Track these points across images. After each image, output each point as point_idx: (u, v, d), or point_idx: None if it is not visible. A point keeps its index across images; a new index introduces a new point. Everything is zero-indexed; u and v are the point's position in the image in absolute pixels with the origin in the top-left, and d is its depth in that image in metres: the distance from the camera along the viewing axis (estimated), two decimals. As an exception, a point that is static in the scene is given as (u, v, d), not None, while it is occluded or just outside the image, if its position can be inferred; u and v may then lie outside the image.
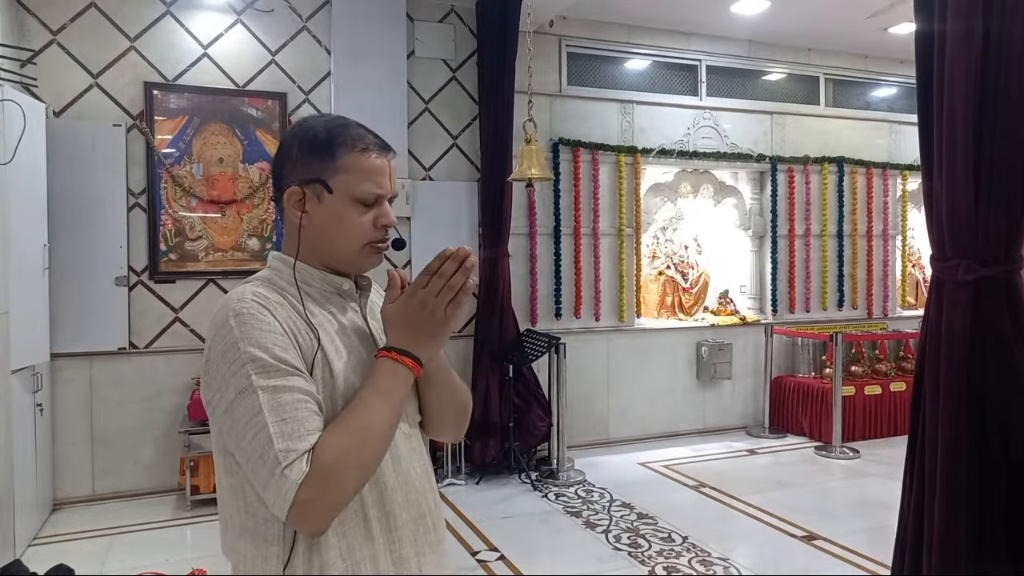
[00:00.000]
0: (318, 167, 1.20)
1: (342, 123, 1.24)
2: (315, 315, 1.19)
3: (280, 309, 1.15)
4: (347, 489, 1.08)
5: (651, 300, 6.68)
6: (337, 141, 1.21)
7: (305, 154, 1.21)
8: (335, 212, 1.20)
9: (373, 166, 1.22)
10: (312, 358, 1.14)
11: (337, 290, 1.26)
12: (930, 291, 2.24)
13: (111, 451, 4.76)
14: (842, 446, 5.79)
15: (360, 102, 5.22)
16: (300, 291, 1.20)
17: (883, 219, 7.19)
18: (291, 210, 1.22)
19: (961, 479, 2.07)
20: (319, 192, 1.20)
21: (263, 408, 1.06)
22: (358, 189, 1.20)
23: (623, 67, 6.25)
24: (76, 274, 4.61)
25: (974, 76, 2.00)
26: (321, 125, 1.23)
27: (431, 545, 1.24)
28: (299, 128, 1.25)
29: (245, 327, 1.10)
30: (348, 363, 1.19)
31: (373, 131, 1.27)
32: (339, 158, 1.20)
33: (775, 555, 3.93)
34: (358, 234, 1.22)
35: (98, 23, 4.72)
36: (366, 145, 1.22)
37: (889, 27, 6.16)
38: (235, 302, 1.13)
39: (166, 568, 3.66)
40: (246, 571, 1.16)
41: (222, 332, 1.12)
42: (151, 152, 4.82)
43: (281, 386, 1.08)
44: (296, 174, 1.21)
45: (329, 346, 1.18)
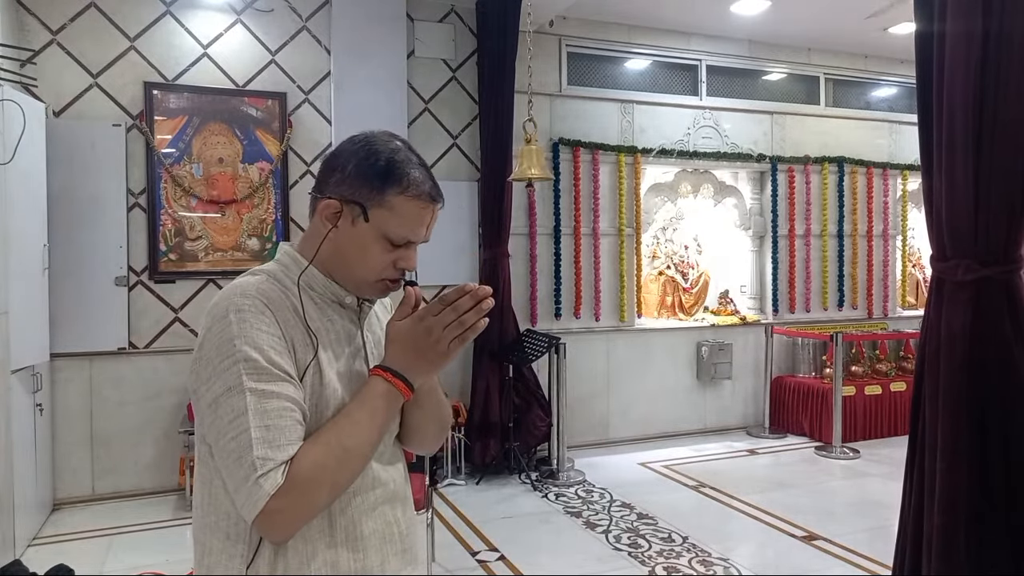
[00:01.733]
0: (365, 193, 1.17)
1: (405, 158, 1.20)
2: (313, 320, 1.19)
3: (281, 310, 1.15)
4: (318, 505, 1.09)
5: (651, 300, 6.68)
6: (393, 177, 1.17)
7: (358, 174, 1.18)
8: (362, 241, 1.19)
9: (416, 214, 1.19)
10: (306, 364, 1.14)
11: (339, 300, 1.25)
12: (930, 291, 2.24)
13: (111, 451, 4.76)
14: (842, 446, 5.79)
15: (360, 102, 5.23)
16: (302, 295, 1.19)
17: (883, 219, 7.19)
18: (322, 219, 1.20)
19: (961, 479, 2.06)
20: (356, 215, 1.18)
21: (248, 410, 1.06)
22: (394, 231, 1.18)
23: (623, 67, 6.25)
24: (76, 274, 4.61)
25: (974, 76, 2.00)
26: (385, 152, 1.19)
27: (397, 555, 1.24)
28: (363, 145, 1.21)
29: (244, 324, 1.10)
30: (339, 372, 1.20)
31: (431, 174, 1.23)
32: (388, 194, 1.17)
33: (775, 555, 3.93)
34: (375, 269, 1.20)
35: (98, 23, 4.72)
36: (418, 192, 1.19)
37: (889, 27, 6.16)
38: (238, 296, 1.12)
39: (166, 568, 3.65)
40: (209, 564, 1.16)
41: (220, 324, 1.11)
42: (151, 152, 4.82)
43: (270, 391, 1.08)
44: (341, 188, 1.19)
45: (323, 353, 1.18)
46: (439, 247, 5.56)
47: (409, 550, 1.27)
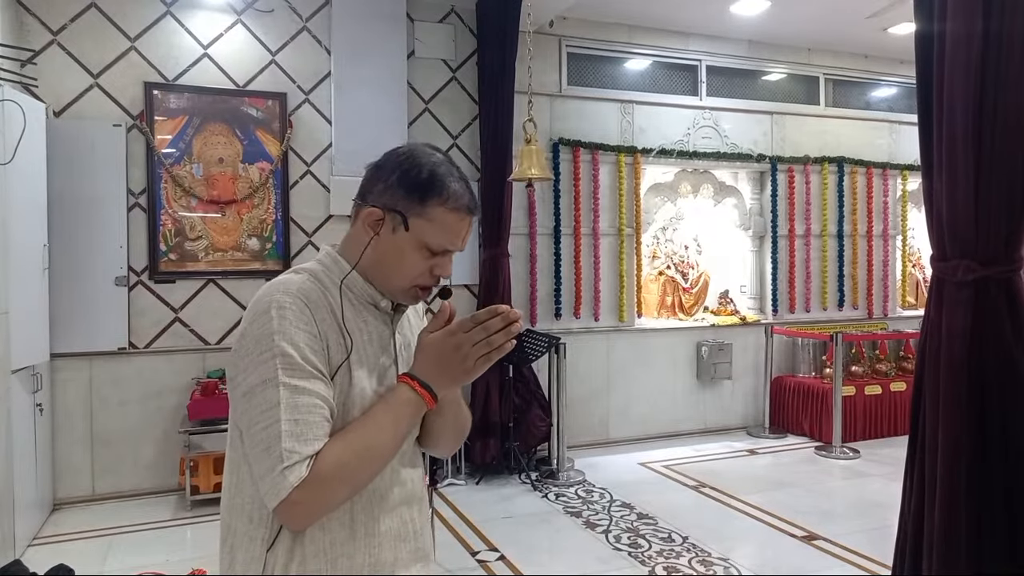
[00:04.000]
0: (406, 203, 1.23)
1: (446, 172, 1.26)
2: (349, 321, 1.24)
3: (319, 310, 1.20)
4: (336, 500, 1.15)
5: (651, 300, 6.68)
6: (435, 190, 1.23)
7: (400, 185, 1.23)
8: (401, 248, 1.24)
9: (455, 225, 1.25)
10: (339, 364, 1.19)
11: (375, 303, 1.30)
12: (930, 291, 2.24)
13: (111, 451, 4.76)
14: (842, 446, 5.79)
15: (360, 102, 5.23)
16: (343, 297, 1.24)
17: (883, 219, 7.19)
18: (365, 226, 1.25)
19: (962, 479, 2.06)
20: (396, 223, 1.23)
21: (280, 403, 1.11)
22: (433, 240, 1.24)
23: (623, 67, 6.25)
24: (76, 274, 4.61)
25: (974, 76, 2.00)
26: (428, 164, 1.25)
27: (410, 553, 1.29)
28: (407, 156, 1.27)
29: (284, 321, 1.15)
30: (368, 373, 1.24)
31: (470, 187, 1.29)
32: (428, 205, 1.23)
33: (775, 555, 3.93)
34: (411, 275, 1.26)
35: (98, 23, 4.72)
36: (457, 205, 1.25)
37: (889, 27, 6.16)
38: (280, 294, 1.18)
39: (166, 568, 3.66)
40: (232, 545, 1.23)
41: (262, 319, 1.16)
42: (151, 152, 4.82)
43: (302, 387, 1.13)
44: (384, 197, 1.24)
45: (353, 356, 1.22)
46: (439, 247, 5.56)
47: (421, 549, 1.32)
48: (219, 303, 5.01)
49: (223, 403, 4.60)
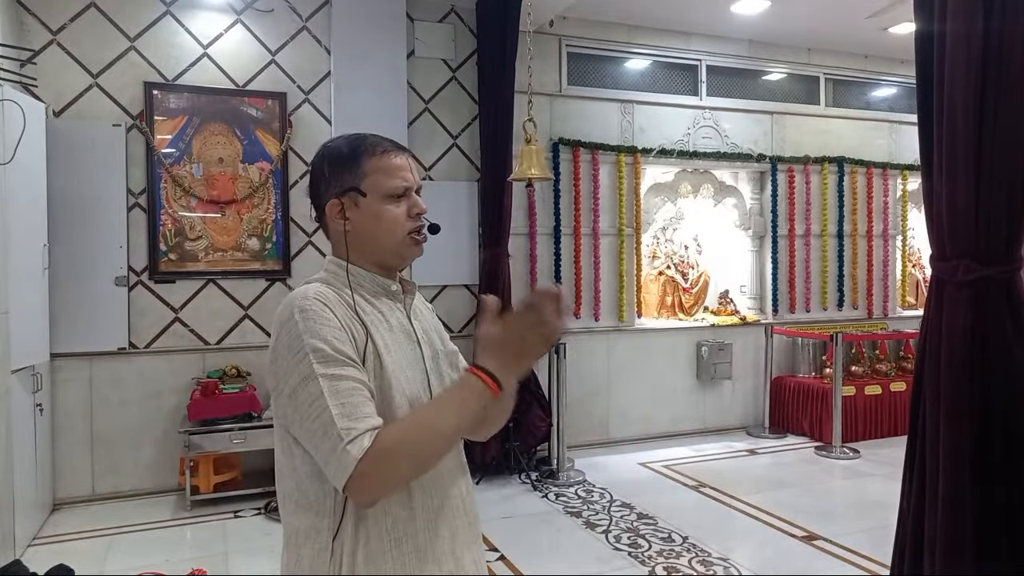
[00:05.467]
0: (349, 178, 1.35)
1: (359, 135, 1.40)
2: (367, 313, 1.33)
3: (339, 307, 1.29)
4: (401, 474, 1.22)
5: (651, 300, 6.68)
6: (359, 151, 1.36)
7: (334, 169, 1.36)
8: (373, 212, 1.35)
9: (394, 164, 1.37)
10: (363, 351, 1.27)
11: (386, 291, 1.39)
12: (930, 291, 2.24)
13: (111, 451, 4.76)
14: (842, 446, 5.79)
15: (360, 102, 5.23)
16: (352, 291, 1.34)
17: (883, 219, 7.19)
18: (335, 220, 1.36)
19: (963, 480, 2.06)
20: (355, 199, 1.35)
21: (324, 392, 1.19)
22: (387, 186, 1.35)
23: (623, 67, 6.25)
24: (76, 274, 4.61)
25: (974, 76, 2.00)
26: (341, 142, 1.39)
27: (464, 527, 1.38)
28: (323, 151, 1.41)
29: (308, 321, 1.24)
30: (395, 359, 1.33)
31: (386, 137, 1.42)
32: (363, 164, 1.35)
33: (775, 555, 3.93)
34: (397, 225, 1.36)
35: (98, 23, 4.72)
36: (384, 148, 1.38)
37: (889, 27, 6.16)
38: (299, 299, 1.27)
39: (166, 568, 3.66)
40: (298, 543, 1.29)
41: (288, 326, 1.25)
42: (151, 152, 4.82)
43: (339, 374, 1.21)
44: (332, 189, 1.36)
45: (379, 341, 1.31)
46: (439, 247, 5.55)
47: (473, 522, 1.41)
48: (219, 303, 5.01)
49: (223, 403, 4.62)
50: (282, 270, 5.14)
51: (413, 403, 1.32)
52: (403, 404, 1.30)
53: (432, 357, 1.43)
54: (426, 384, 1.38)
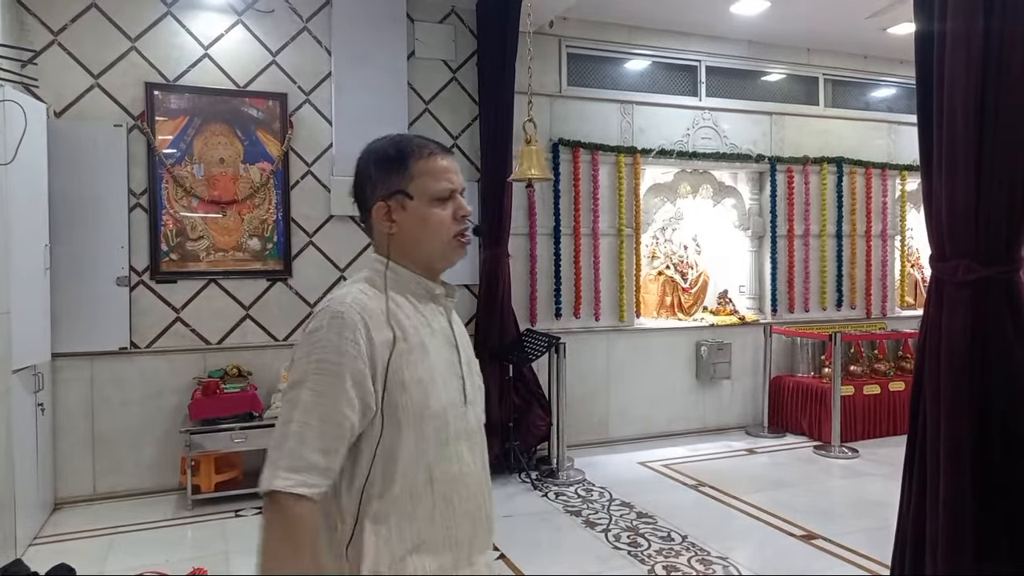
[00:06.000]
0: (396, 180, 1.36)
1: (404, 137, 1.41)
2: (409, 317, 1.34)
3: (373, 318, 1.29)
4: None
5: (650, 300, 6.69)
6: (405, 153, 1.37)
7: (381, 172, 1.37)
8: (419, 214, 1.36)
9: (440, 167, 1.38)
10: (387, 364, 1.27)
11: (429, 294, 1.40)
12: (929, 291, 2.25)
13: (112, 451, 4.76)
14: (841, 446, 5.80)
15: (361, 102, 5.24)
16: (389, 296, 1.34)
17: (882, 219, 7.21)
18: (381, 223, 1.37)
19: (963, 480, 2.07)
20: (402, 201, 1.36)
21: (302, 403, 1.22)
22: (434, 188, 1.36)
23: (623, 68, 6.26)
24: (77, 274, 4.61)
25: (974, 76, 2.01)
26: (387, 144, 1.39)
27: (483, 536, 1.40)
28: (369, 153, 1.41)
29: (332, 332, 1.25)
30: (435, 364, 1.34)
31: (431, 138, 1.43)
32: (411, 167, 1.36)
33: (774, 554, 3.94)
34: (443, 228, 1.37)
35: (99, 23, 4.72)
36: (431, 151, 1.38)
37: (889, 27, 6.17)
38: (337, 303, 1.29)
39: (167, 568, 3.66)
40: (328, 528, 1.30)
41: (314, 326, 1.27)
42: (152, 152, 4.82)
43: (328, 394, 1.22)
44: (378, 191, 1.37)
45: (417, 348, 1.32)
46: (439, 247, 5.57)
47: (491, 529, 1.43)
48: (220, 303, 5.01)
49: (224, 403, 4.62)
50: (283, 270, 5.15)
51: (447, 409, 1.33)
52: (439, 411, 1.31)
53: (467, 363, 1.44)
54: (461, 391, 1.39)
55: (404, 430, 1.28)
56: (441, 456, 1.32)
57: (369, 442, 1.28)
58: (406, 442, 1.28)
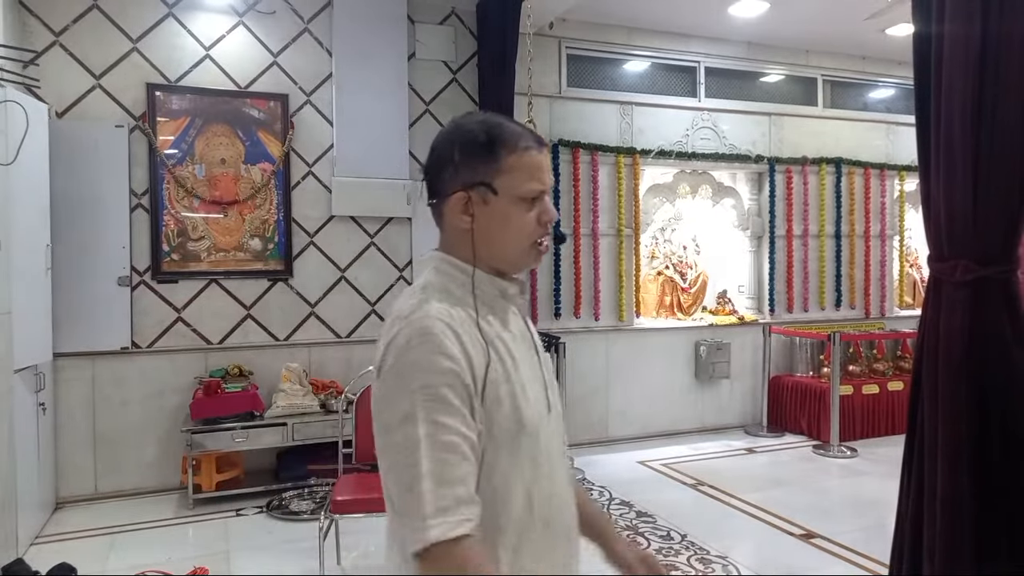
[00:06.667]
0: (482, 170, 1.19)
1: (498, 122, 1.22)
2: (491, 324, 1.20)
3: (463, 330, 1.14)
4: None
5: (650, 300, 6.71)
6: (498, 142, 1.19)
7: (467, 157, 1.19)
8: (501, 214, 1.20)
9: (534, 163, 1.21)
10: (483, 379, 1.13)
11: (503, 294, 1.25)
12: (928, 291, 2.26)
13: (113, 450, 4.78)
14: (840, 445, 5.82)
15: (361, 103, 5.25)
16: (476, 302, 1.19)
17: (880, 219, 7.23)
18: (457, 216, 1.20)
19: (962, 479, 2.07)
20: (484, 195, 1.19)
21: (422, 441, 1.05)
22: (522, 188, 1.20)
23: (622, 69, 6.28)
24: (79, 274, 4.63)
25: (972, 77, 2.02)
26: (477, 126, 1.21)
27: (576, 554, 1.29)
28: (455, 132, 1.23)
29: (426, 350, 1.09)
30: (523, 375, 1.20)
31: (525, 126, 1.25)
32: (501, 160, 1.19)
33: (773, 553, 3.96)
34: (524, 233, 1.21)
35: (100, 24, 4.74)
36: (527, 144, 1.21)
37: (887, 28, 6.19)
38: (421, 317, 1.13)
39: (168, 567, 3.67)
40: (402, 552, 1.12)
41: (402, 352, 1.11)
42: (153, 153, 4.83)
43: (444, 423, 1.07)
44: (459, 178, 1.19)
45: (507, 358, 1.18)
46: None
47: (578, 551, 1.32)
48: (221, 303, 5.03)
49: (225, 402, 4.64)
50: (284, 270, 5.16)
51: (539, 422, 1.20)
52: (532, 426, 1.18)
53: (545, 363, 1.31)
54: (545, 398, 1.26)
55: (501, 451, 1.14)
56: (536, 475, 1.19)
57: None
58: (504, 463, 1.14)
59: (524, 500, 1.16)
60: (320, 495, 4.68)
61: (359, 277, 5.38)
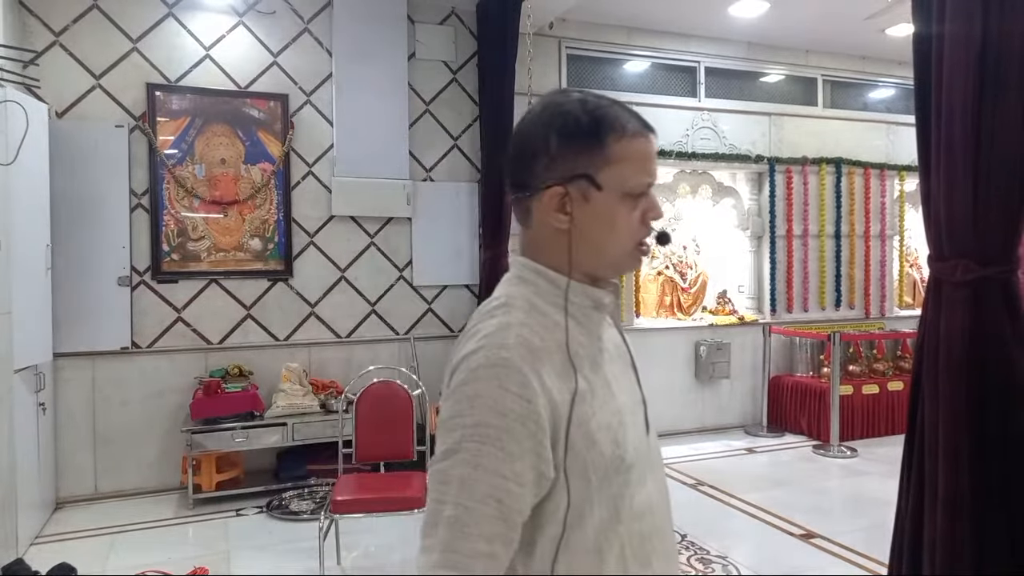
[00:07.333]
0: (584, 160, 1.00)
1: (598, 103, 1.03)
2: (584, 345, 1.03)
3: (547, 358, 0.97)
4: None
5: (650, 300, 6.71)
6: (603, 125, 1.01)
7: (567, 144, 1.00)
8: (604, 212, 1.01)
9: (643, 151, 1.04)
10: (567, 417, 0.96)
11: (597, 305, 1.07)
12: (928, 291, 2.26)
13: (113, 450, 4.78)
14: (840, 445, 5.82)
15: (361, 103, 5.25)
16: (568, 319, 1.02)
17: (880, 219, 7.23)
18: (551, 214, 1.02)
19: (962, 479, 2.07)
20: (583, 190, 1.00)
21: (454, 482, 0.92)
22: (631, 181, 1.02)
23: (622, 69, 6.28)
24: (79, 274, 4.63)
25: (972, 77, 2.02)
26: (578, 108, 1.02)
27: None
28: (551, 113, 1.03)
29: (493, 384, 0.93)
30: (623, 402, 1.06)
31: (627, 106, 1.06)
32: (608, 148, 1.00)
33: (773, 553, 3.96)
34: (628, 234, 1.04)
35: (100, 24, 4.74)
36: (635, 129, 1.03)
37: (887, 28, 6.19)
38: (497, 344, 0.96)
39: (168, 567, 3.67)
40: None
41: (470, 375, 0.96)
42: (153, 153, 4.83)
43: (485, 467, 0.92)
44: (555, 170, 1.01)
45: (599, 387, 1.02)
46: (440, 247, 5.59)
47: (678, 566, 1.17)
48: (221, 303, 5.03)
49: (225, 402, 4.64)
50: (284, 270, 5.16)
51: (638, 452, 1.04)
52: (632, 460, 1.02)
53: (641, 383, 1.14)
54: (643, 422, 1.11)
55: (594, 492, 0.98)
56: (634, 514, 1.02)
57: (551, 512, 0.96)
58: (597, 509, 0.98)
59: (618, 546, 1.00)
60: (320, 495, 4.68)
61: (359, 277, 5.38)
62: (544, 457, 0.94)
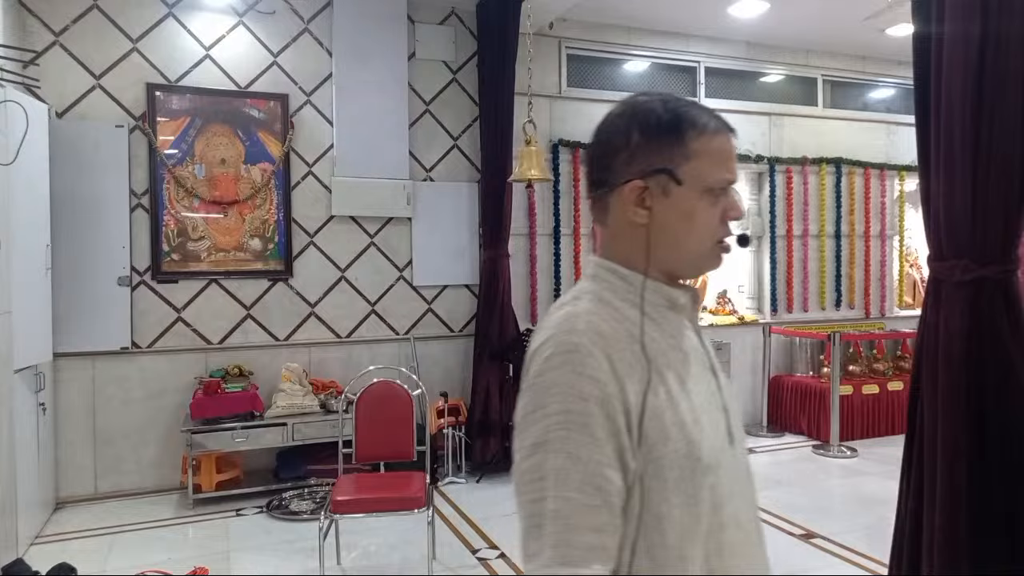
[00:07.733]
0: (665, 155, 1.00)
1: (678, 101, 1.04)
2: (656, 340, 1.00)
3: (617, 347, 0.96)
4: None
5: (650, 300, 6.70)
6: (684, 122, 1.01)
7: (648, 139, 1.00)
8: (685, 208, 1.01)
9: (724, 148, 1.03)
10: (640, 407, 0.94)
11: (672, 304, 1.06)
12: (927, 291, 2.27)
13: (113, 450, 4.78)
14: (840, 445, 5.82)
15: (361, 103, 5.26)
16: (641, 314, 1.00)
17: (880, 219, 7.23)
18: (630, 208, 1.01)
19: (961, 479, 2.08)
20: (665, 185, 1.00)
21: (550, 474, 0.91)
22: (711, 177, 1.01)
23: (622, 68, 6.28)
24: (79, 274, 4.63)
25: (972, 77, 2.02)
26: (659, 106, 1.02)
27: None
28: (631, 111, 1.04)
29: (567, 369, 0.93)
30: (699, 404, 1.01)
31: (711, 109, 1.06)
32: (689, 143, 1.00)
33: (773, 553, 3.86)
34: (708, 232, 1.03)
35: (100, 24, 4.74)
36: (716, 126, 1.02)
37: (887, 28, 6.19)
38: (566, 330, 0.96)
39: (168, 567, 3.67)
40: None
41: (543, 365, 0.95)
42: (153, 153, 4.83)
43: (578, 456, 0.90)
44: (635, 165, 1.00)
45: (673, 383, 0.99)
46: (439, 248, 5.59)
47: None
48: (221, 303, 5.03)
49: (225, 402, 4.64)
50: (284, 270, 5.16)
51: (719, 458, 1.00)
52: (711, 463, 0.98)
53: (726, 387, 1.10)
54: (727, 429, 1.05)
55: (671, 494, 0.94)
56: (716, 524, 0.98)
57: (627, 510, 0.93)
58: (675, 510, 0.94)
59: (702, 558, 0.97)
60: (320, 495, 4.68)
61: (359, 277, 5.38)
62: (624, 444, 0.92)
